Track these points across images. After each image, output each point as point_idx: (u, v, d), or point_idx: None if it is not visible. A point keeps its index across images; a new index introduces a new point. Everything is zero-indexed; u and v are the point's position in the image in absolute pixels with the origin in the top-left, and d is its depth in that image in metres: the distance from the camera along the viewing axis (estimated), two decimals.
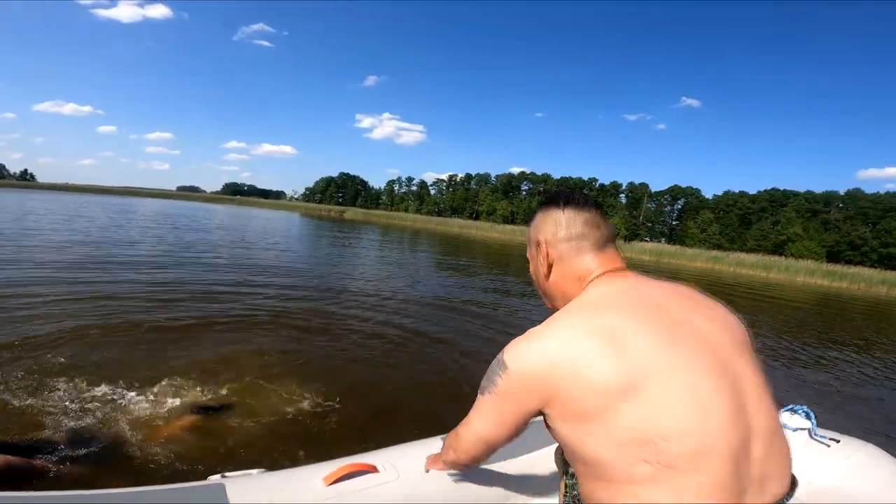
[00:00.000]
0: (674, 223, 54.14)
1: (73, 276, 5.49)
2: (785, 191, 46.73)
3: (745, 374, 0.69)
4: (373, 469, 1.20)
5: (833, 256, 37.40)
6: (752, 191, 48.34)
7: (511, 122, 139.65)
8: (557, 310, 0.77)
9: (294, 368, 3.18)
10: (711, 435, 0.62)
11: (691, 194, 53.07)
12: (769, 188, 47.66)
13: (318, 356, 3.56)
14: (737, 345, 0.72)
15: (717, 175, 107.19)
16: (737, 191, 49.25)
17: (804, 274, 21.63)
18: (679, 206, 54.39)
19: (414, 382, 3.25)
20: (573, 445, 0.68)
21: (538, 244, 0.84)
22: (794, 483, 0.71)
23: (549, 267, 0.83)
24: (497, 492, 1.25)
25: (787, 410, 1.59)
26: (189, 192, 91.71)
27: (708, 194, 52.02)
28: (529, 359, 0.70)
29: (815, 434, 1.50)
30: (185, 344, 3.48)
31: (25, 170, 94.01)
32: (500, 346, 0.75)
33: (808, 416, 1.55)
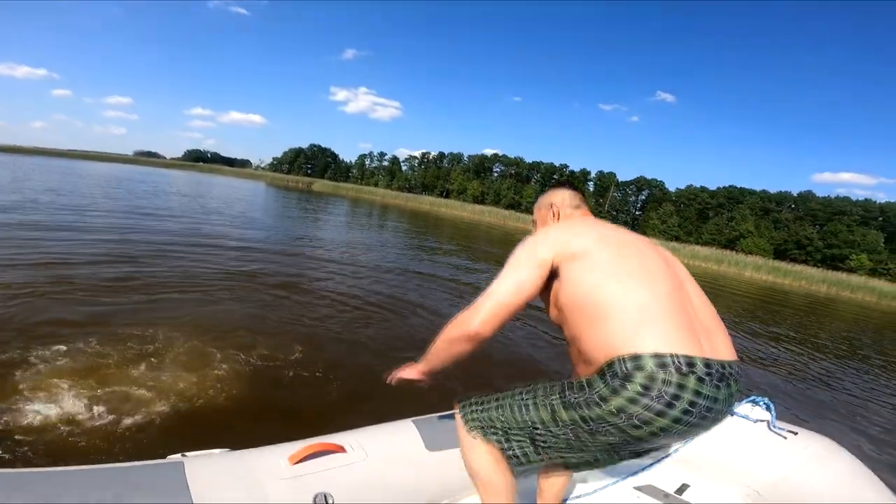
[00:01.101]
0: (637, 213, 55.74)
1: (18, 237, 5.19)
2: (742, 188, 48.76)
3: (678, 262, 1.09)
4: (340, 449, 1.17)
5: (780, 254, 39.58)
6: (713, 186, 50.26)
7: (488, 105, 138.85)
8: None
9: (253, 339, 3.11)
10: (655, 277, 0.95)
11: (655, 186, 54.61)
12: (728, 185, 49.66)
13: (277, 327, 3.52)
14: (670, 254, 1.10)
15: (682, 169, 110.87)
16: (698, 185, 51.05)
17: (752, 269, 22.82)
18: (643, 197, 55.96)
19: (385, 357, 3.21)
20: (581, 287, 0.96)
21: (551, 206, 1.29)
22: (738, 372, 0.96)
23: (556, 218, 1.27)
24: (465, 476, 1.28)
25: (748, 402, 1.61)
26: (147, 158, 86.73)
27: (671, 187, 53.70)
28: (542, 237, 1.07)
29: (774, 426, 1.54)
30: (135, 309, 3.39)
31: None
32: None
33: (767, 408, 1.58)
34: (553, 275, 1.02)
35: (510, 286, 1.00)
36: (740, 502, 1.48)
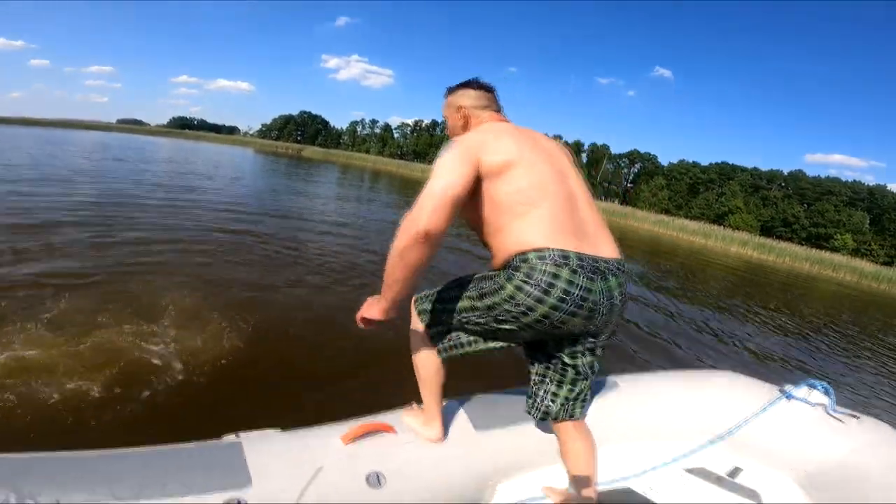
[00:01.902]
0: (629, 185, 55.80)
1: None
2: (734, 165, 48.89)
3: (574, 172, 1.21)
4: (390, 430, 1.19)
5: (767, 230, 40.11)
6: (705, 162, 50.32)
7: (482, 74, 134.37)
8: None
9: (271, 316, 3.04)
10: (548, 187, 1.09)
11: (648, 160, 54.52)
12: (720, 161, 49.74)
13: (277, 300, 3.50)
14: (568, 160, 1.24)
15: (676, 144, 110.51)
16: (690, 161, 51.04)
17: (738, 244, 23.09)
18: (636, 170, 55.92)
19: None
20: (488, 198, 1.09)
21: (459, 108, 1.30)
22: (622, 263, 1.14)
23: (466, 123, 1.29)
24: (514, 456, 1.27)
25: (805, 385, 1.55)
26: (131, 126, 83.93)
27: (664, 161, 53.66)
28: (464, 141, 1.12)
29: (833, 410, 1.49)
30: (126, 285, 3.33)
31: None
32: None
33: (826, 392, 1.53)
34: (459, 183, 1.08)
35: (444, 182, 1.03)
36: (794, 487, 1.44)
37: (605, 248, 1.11)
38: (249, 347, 2.55)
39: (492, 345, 1.20)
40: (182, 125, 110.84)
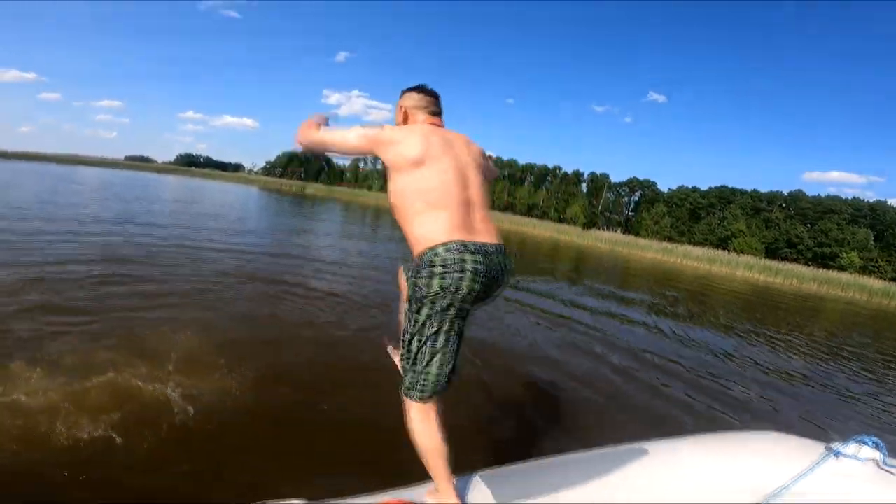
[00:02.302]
0: (630, 214, 56.09)
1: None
2: (733, 188, 49.23)
3: (474, 177, 1.48)
4: None
5: (771, 252, 39.96)
6: (704, 186, 50.67)
7: (481, 107, 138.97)
8: None
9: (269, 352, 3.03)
10: (450, 193, 1.39)
11: (648, 187, 55.00)
12: (719, 185, 50.13)
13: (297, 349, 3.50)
14: (474, 164, 1.51)
15: (674, 169, 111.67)
16: (690, 186, 51.47)
17: (744, 268, 22.98)
18: (636, 198, 56.33)
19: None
20: (400, 189, 1.42)
21: (401, 107, 1.62)
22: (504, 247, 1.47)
23: (405, 119, 1.61)
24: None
25: (855, 442, 1.51)
26: (139, 163, 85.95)
27: (664, 187, 54.08)
28: (383, 131, 1.46)
29: (885, 464, 1.46)
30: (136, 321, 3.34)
31: None
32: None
33: (877, 447, 1.50)
34: (392, 172, 1.45)
35: (334, 139, 1.54)
36: None
37: (486, 236, 1.43)
38: (256, 393, 2.51)
39: (445, 348, 1.41)
40: (189, 162, 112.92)
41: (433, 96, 1.62)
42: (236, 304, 4.18)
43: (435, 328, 1.38)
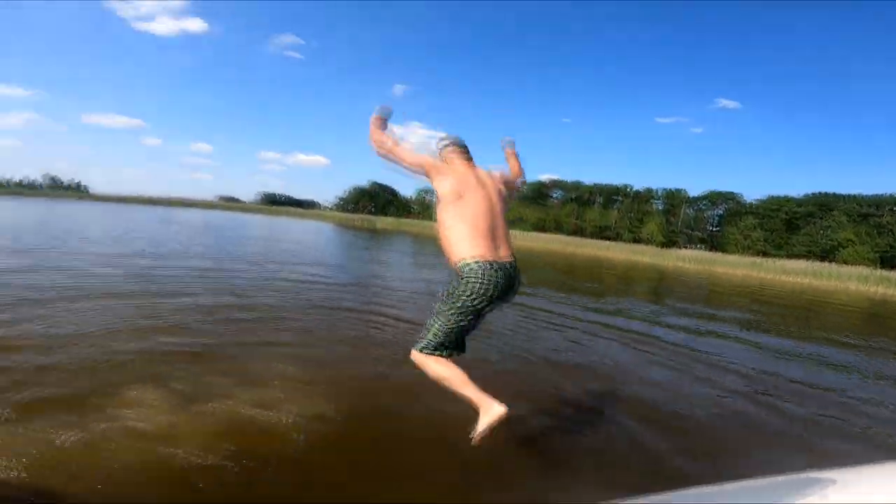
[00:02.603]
0: (714, 229, 52.25)
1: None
2: (835, 194, 44.40)
3: (498, 206, 2.10)
4: None
5: (887, 261, 35.12)
6: (797, 194, 46.15)
7: (538, 129, 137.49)
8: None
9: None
10: (481, 220, 1.99)
11: (731, 199, 51.11)
12: (816, 192, 45.45)
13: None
14: (498, 195, 2.13)
15: (759, 179, 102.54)
16: (782, 195, 47.13)
17: (857, 280, 20.44)
18: (719, 212, 52.50)
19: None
20: (444, 216, 2.02)
21: (442, 155, 2.24)
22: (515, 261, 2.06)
23: (445, 160, 2.21)
24: None
25: None
26: (229, 203, 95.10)
27: (750, 199, 49.96)
28: (441, 164, 2.17)
29: None
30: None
31: (79, 182, 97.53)
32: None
33: None
34: (439, 203, 2.04)
35: (409, 156, 2.16)
36: None
37: (508, 255, 2.01)
38: (357, 420, 2.55)
39: (458, 329, 1.98)
40: (271, 201, 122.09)
41: (465, 146, 2.26)
42: (335, 331, 4.39)
43: (457, 317, 1.94)
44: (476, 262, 1.87)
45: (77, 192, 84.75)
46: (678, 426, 2.97)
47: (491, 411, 1.79)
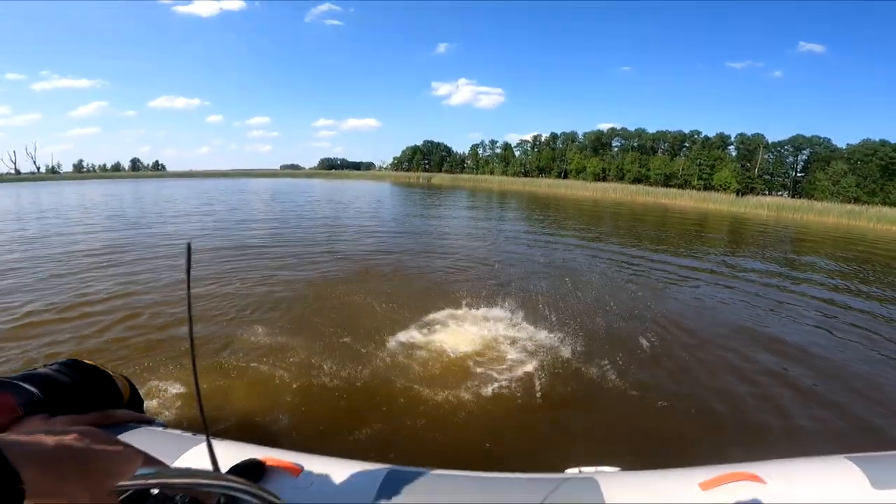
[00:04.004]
0: (798, 175, 47.75)
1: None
2: None
3: None
4: (758, 480, 1.04)
5: None
6: (893, 139, 40.73)
7: (594, 79, 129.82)
8: None
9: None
10: None
11: (819, 144, 46.14)
12: None
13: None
14: None
15: (850, 124, 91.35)
16: (877, 139, 41.81)
17: None
18: (804, 158, 47.72)
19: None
20: None
21: None
22: None
23: None
24: None
25: None
26: (291, 171, 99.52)
27: (840, 143, 44.85)
28: None
29: None
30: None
31: (157, 161, 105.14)
32: None
33: None
34: None
35: None
36: None
37: None
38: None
39: None
40: (329, 166, 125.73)
41: None
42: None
43: None
44: None
45: (157, 171, 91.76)
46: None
47: None
